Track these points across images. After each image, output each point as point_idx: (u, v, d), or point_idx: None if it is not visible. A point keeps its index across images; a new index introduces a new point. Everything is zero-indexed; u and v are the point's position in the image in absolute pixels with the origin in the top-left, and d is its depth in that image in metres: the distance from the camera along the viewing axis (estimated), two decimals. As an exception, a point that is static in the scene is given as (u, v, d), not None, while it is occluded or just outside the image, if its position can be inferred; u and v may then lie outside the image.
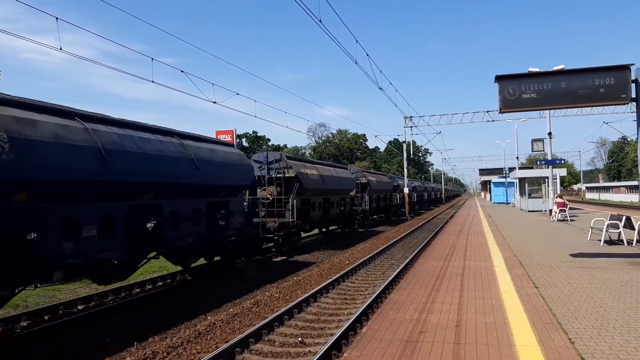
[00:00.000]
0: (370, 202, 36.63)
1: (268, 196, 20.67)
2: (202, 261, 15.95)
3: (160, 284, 14.37)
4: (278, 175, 21.07)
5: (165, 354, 7.67)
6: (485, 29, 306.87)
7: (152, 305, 11.62)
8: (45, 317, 10.67)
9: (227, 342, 7.87)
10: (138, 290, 13.50)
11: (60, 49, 12.44)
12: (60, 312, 11.18)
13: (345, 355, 6.23)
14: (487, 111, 43.02)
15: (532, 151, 44.21)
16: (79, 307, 11.61)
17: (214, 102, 19.98)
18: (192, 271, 15.58)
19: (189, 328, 9.35)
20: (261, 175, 21.09)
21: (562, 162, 41.47)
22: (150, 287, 14.01)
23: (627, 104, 13.08)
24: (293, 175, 20.99)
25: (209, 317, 10.15)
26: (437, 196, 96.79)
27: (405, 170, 47.47)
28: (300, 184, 21.02)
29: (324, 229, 29.28)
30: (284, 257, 19.61)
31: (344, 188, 28.74)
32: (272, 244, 19.43)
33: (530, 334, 6.61)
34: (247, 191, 20.31)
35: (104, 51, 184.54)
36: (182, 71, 18.07)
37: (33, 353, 8.26)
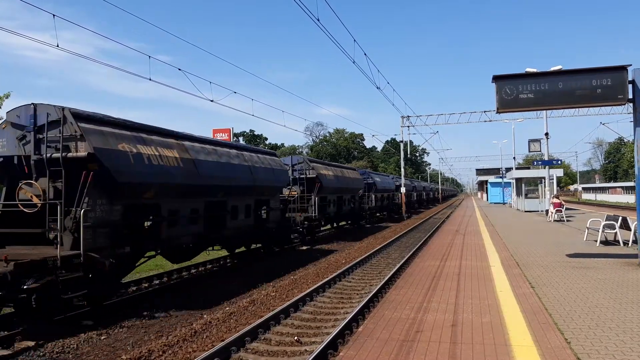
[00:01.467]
0: (324, 206, 26.16)
1: (34, 199, 10.06)
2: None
3: (157, 282, 14.29)
4: (54, 155, 10.15)
5: (161, 352, 7.64)
6: (483, 29, 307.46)
7: (148, 303, 11.57)
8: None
9: (223, 340, 7.86)
10: (134, 288, 13.47)
11: (57, 46, 12.41)
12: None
13: (341, 354, 6.23)
14: (484, 111, 43.11)
15: (529, 151, 44.32)
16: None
17: (211, 101, 19.92)
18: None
19: (185, 326, 9.33)
20: (21, 156, 10.56)
21: (559, 162, 41.57)
22: (146, 285, 13.90)
23: (624, 104, 13.11)
24: (84, 154, 10.08)
25: (205, 316, 10.14)
26: (432, 196, 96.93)
27: (402, 170, 47.52)
28: (103, 171, 10.20)
29: (246, 249, 19.31)
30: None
31: (264, 184, 17.93)
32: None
33: (527, 334, 6.61)
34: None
35: (101, 49, 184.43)
36: (179, 69, 18.07)
37: (27, 350, 8.21)
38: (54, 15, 11.93)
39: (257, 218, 18.38)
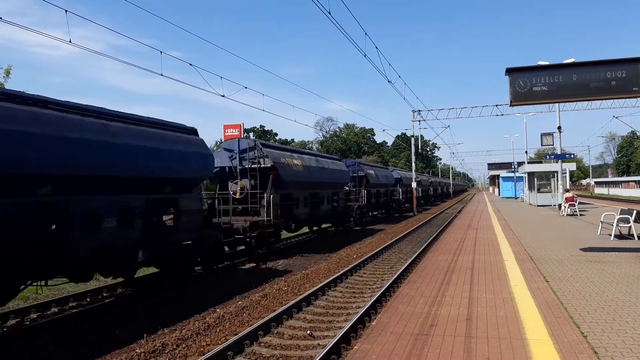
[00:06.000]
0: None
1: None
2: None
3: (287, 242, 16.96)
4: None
5: (175, 346, 7.68)
6: (495, 21, 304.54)
7: (162, 298, 11.64)
8: (55, 309, 10.73)
9: (236, 334, 7.87)
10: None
11: (70, 41, 12.46)
12: (70, 304, 11.23)
13: (355, 347, 6.21)
14: (496, 105, 42.71)
15: (542, 145, 43.91)
16: (88, 300, 11.67)
17: (222, 96, 20.00)
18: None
19: (199, 320, 9.35)
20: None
21: (572, 156, 41.16)
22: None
23: (639, 96, 12.95)
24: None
25: (218, 310, 10.16)
26: (444, 191, 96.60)
27: (413, 165, 47.35)
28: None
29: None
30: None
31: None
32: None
33: (542, 328, 6.55)
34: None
35: (113, 45, 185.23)
36: (190, 64, 18.10)
37: (42, 344, 8.30)
38: (66, 10, 11.97)
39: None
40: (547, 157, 41.23)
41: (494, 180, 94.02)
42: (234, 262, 16.57)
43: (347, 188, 29.51)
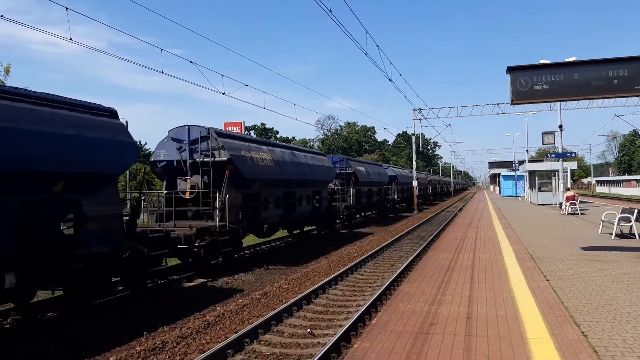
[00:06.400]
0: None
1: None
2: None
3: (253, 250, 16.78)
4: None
5: (174, 344, 7.68)
6: (495, 21, 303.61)
7: (162, 296, 11.63)
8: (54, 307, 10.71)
9: (236, 332, 7.87)
10: (148, 281, 13.54)
11: (70, 39, 12.45)
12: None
13: (355, 346, 6.20)
14: (497, 103, 42.75)
15: (543, 144, 43.85)
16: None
17: (223, 94, 19.94)
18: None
19: (199, 319, 9.36)
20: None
21: (573, 155, 41.10)
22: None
23: (641, 95, 12.93)
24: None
25: (218, 308, 10.16)
26: (444, 189, 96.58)
27: (414, 163, 47.34)
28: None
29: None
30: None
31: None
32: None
33: (542, 327, 6.54)
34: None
35: (113, 42, 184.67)
36: (191, 62, 18.07)
37: (42, 341, 8.30)
38: (67, 8, 11.95)
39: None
40: (548, 155, 41.28)
41: (494, 178, 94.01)
42: (180, 277, 13.02)
43: (332, 186, 27.14)
